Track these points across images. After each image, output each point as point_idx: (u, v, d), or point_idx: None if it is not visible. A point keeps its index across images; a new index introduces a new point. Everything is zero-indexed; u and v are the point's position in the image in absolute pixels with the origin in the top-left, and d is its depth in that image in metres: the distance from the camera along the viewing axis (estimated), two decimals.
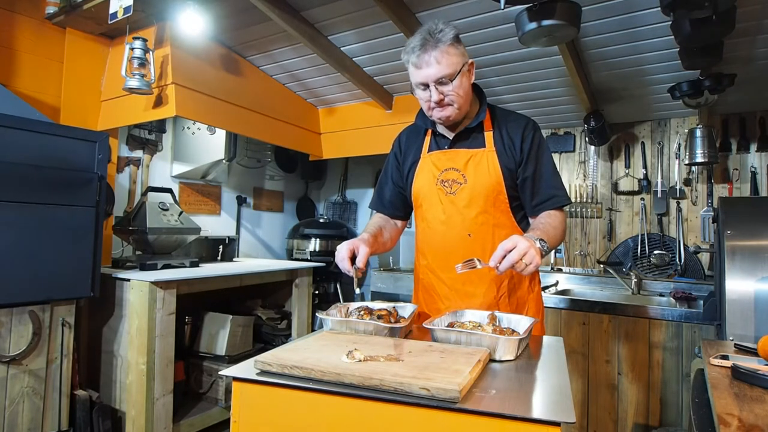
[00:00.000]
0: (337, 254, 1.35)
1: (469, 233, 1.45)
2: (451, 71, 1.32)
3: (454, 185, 1.47)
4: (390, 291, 3.43)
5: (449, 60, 1.32)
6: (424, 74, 1.33)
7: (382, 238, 1.54)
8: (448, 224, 1.47)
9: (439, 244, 1.51)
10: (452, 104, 1.37)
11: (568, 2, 1.78)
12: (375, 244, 1.46)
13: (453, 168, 1.47)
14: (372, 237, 1.46)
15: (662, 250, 3.16)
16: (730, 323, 1.67)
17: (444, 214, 1.48)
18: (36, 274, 1.97)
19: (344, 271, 1.33)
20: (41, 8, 2.46)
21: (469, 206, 1.45)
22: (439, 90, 1.34)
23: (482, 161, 1.44)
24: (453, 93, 1.35)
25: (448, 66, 1.32)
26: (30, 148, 1.96)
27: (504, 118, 1.51)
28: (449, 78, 1.33)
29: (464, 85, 1.37)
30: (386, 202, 1.66)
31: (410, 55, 1.34)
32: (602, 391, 2.57)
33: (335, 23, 2.48)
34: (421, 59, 1.32)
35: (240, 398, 0.92)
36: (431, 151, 1.53)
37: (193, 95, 2.61)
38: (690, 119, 3.13)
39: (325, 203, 4.77)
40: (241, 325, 2.85)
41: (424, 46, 1.31)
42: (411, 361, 0.94)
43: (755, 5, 1.90)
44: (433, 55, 1.31)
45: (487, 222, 1.44)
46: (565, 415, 0.74)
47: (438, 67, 1.31)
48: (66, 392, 2.09)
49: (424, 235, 1.56)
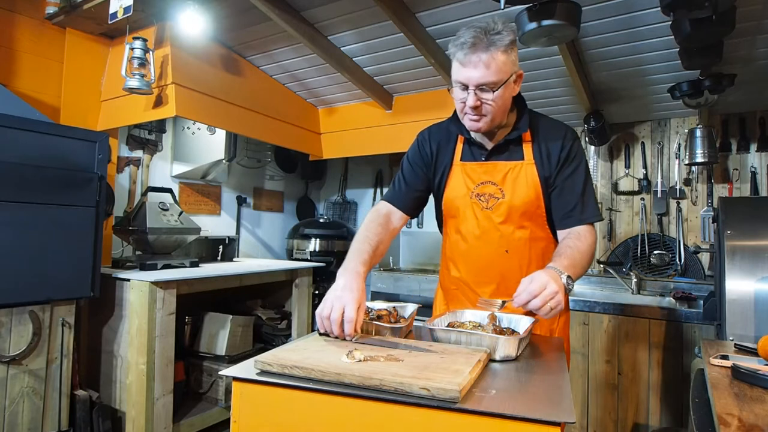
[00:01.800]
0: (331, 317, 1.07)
1: (506, 249, 1.39)
2: (497, 79, 1.21)
3: (491, 200, 1.39)
4: (390, 291, 3.43)
5: (498, 66, 1.21)
6: (467, 75, 1.23)
7: (375, 259, 1.37)
8: (483, 239, 1.41)
9: (474, 259, 1.44)
10: (487, 115, 1.27)
11: (568, 2, 1.78)
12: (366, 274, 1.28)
13: (490, 182, 1.39)
14: (367, 269, 1.27)
15: (662, 250, 3.16)
16: (730, 323, 1.67)
17: (479, 229, 1.41)
18: (36, 274, 1.97)
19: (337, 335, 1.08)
20: (41, 8, 2.46)
21: (507, 222, 1.39)
22: (478, 96, 1.24)
23: (521, 175, 1.37)
24: (492, 103, 1.25)
25: (496, 73, 1.21)
26: (30, 148, 1.96)
27: (543, 127, 1.41)
28: (493, 86, 1.22)
29: (505, 97, 1.28)
30: (410, 200, 1.52)
31: (458, 50, 1.23)
32: (602, 391, 2.57)
33: (335, 23, 2.48)
34: (468, 59, 1.21)
35: (240, 398, 0.91)
36: (465, 160, 1.43)
37: (193, 95, 2.61)
38: (690, 119, 3.13)
39: (325, 203, 4.77)
40: (241, 325, 2.85)
41: (475, 45, 1.20)
42: (411, 361, 0.93)
43: (755, 5, 1.90)
44: (483, 58, 1.20)
45: (524, 237, 1.39)
46: (565, 415, 0.74)
47: (485, 71, 1.20)
48: (66, 392, 2.09)
49: (456, 246, 1.49)
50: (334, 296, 1.11)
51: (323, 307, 1.10)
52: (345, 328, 1.07)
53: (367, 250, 1.32)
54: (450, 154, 1.47)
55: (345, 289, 1.13)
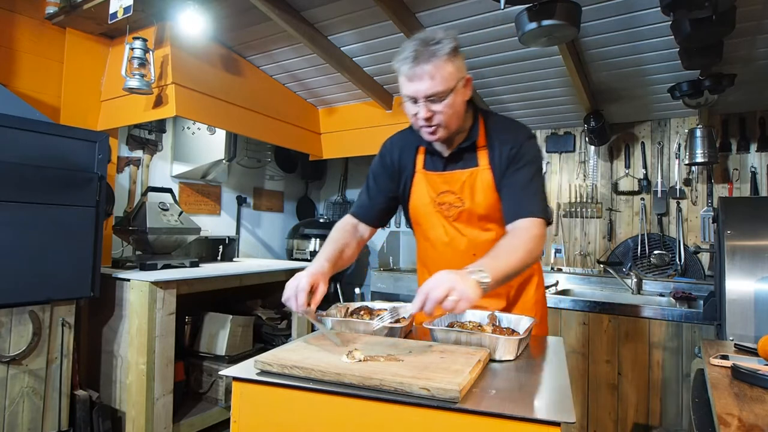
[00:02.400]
0: (289, 287, 1.14)
1: (474, 253, 1.39)
2: (444, 88, 1.21)
3: (452, 209, 1.41)
4: (390, 291, 3.42)
5: (443, 76, 1.20)
6: (414, 88, 1.22)
7: (342, 260, 1.39)
8: (452, 246, 1.43)
9: (444, 265, 1.42)
10: (441, 124, 1.27)
11: (568, 2, 1.79)
12: (333, 270, 1.32)
13: (449, 191, 1.41)
14: (331, 265, 1.30)
15: (662, 250, 3.16)
16: (730, 323, 1.67)
17: (447, 236, 1.44)
18: (36, 274, 1.97)
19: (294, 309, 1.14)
20: (41, 8, 2.46)
21: (471, 227, 1.41)
22: (429, 107, 1.24)
23: (477, 181, 1.38)
24: (443, 112, 1.24)
25: (442, 82, 1.21)
26: (30, 148, 1.96)
27: (497, 129, 1.40)
28: (441, 96, 1.22)
29: (457, 104, 1.27)
30: (374, 212, 1.53)
31: (401, 64, 1.23)
32: (602, 391, 2.57)
33: (335, 23, 2.48)
34: (413, 72, 1.21)
35: (240, 398, 0.91)
36: (427, 169, 1.45)
37: (193, 95, 2.61)
38: (690, 119, 3.13)
39: (325, 203, 4.77)
40: (241, 325, 2.85)
41: (417, 58, 1.20)
42: (411, 361, 0.94)
43: (755, 5, 1.90)
44: (426, 69, 1.19)
45: (489, 238, 1.39)
46: (565, 415, 0.74)
47: (430, 82, 1.20)
48: (66, 392, 2.09)
49: (427, 252, 1.52)
50: (304, 272, 1.19)
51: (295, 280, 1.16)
52: (298, 297, 1.12)
53: (330, 250, 1.37)
54: (412, 163, 1.48)
55: (313, 272, 1.20)
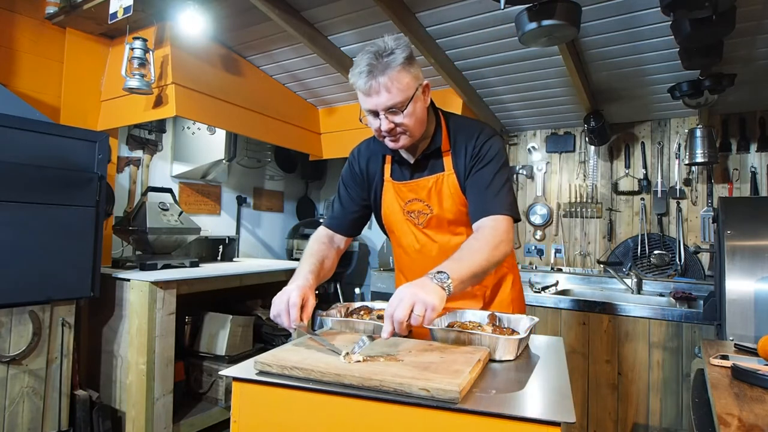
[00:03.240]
0: (278, 303, 1.12)
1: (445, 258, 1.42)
2: (402, 99, 1.20)
3: (420, 216, 1.41)
4: (390, 291, 3.41)
5: (399, 86, 1.19)
6: (374, 102, 1.20)
7: (323, 271, 1.39)
8: (423, 252, 1.44)
9: (417, 271, 1.44)
10: (405, 133, 1.26)
11: (568, 2, 1.78)
12: (317, 283, 1.31)
13: (417, 199, 1.41)
14: (314, 277, 1.29)
15: (662, 250, 3.16)
16: (730, 323, 1.67)
17: (418, 243, 1.44)
18: (36, 274, 1.97)
19: (286, 325, 1.12)
20: (41, 8, 2.46)
21: (441, 233, 1.41)
22: (390, 119, 1.22)
23: (443, 187, 1.37)
24: (405, 122, 1.23)
25: (399, 93, 1.19)
26: (30, 148, 1.96)
27: (458, 132, 1.39)
28: (400, 106, 1.21)
29: (417, 112, 1.26)
30: (348, 222, 1.52)
31: (357, 79, 1.20)
32: (602, 391, 2.57)
33: (335, 23, 2.48)
34: (369, 86, 1.18)
35: (240, 398, 0.92)
36: (394, 179, 1.44)
37: (193, 95, 2.61)
38: (690, 119, 3.13)
39: (325, 203, 4.76)
40: (241, 325, 2.85)
41: (371, 72, 1.17)
42: (411, 361, 0.93)
43: (755, 5, 1.90)
44: (381, 82, 1.17)
45: (460, 241, 1.33)
46: (565, 415, 0.74)
47: (387, 95, 1.18)
48: (66, 392, 2.09)
49: (401, 259, 1.53)
50: (290, 287, 1.17)
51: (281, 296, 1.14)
52: (290, 313, 1.11)
53: (313, 263, 1.35)
54: (380, 172, 1.47)
55: (290, 285, 1.19)
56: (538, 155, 3.64)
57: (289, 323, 1.11)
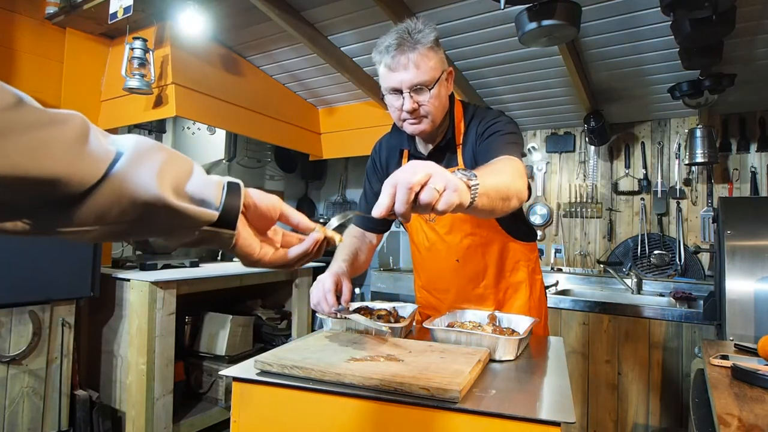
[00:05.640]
0: (316, 291, 1.16)
1: (456, 259, 1.39)
2: (429, 78, 1.18)
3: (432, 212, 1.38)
4: (390, 291, 3.42)
5: (428, 65, 1.17)
6: (399, 78, 1.17)
7: (357, 263, 1.39)
8: (433, 251, 1.43)
9: (428, 269, 1.46)
10: (427, 116, 1.22)
11: (568, 2, 1.78)
12: (351, 273, 1.31)
13: None
14: (348, 266, 1.30)
15: (662, 250, 3.16)
16: (730, 323, 1.67)
17: (428, 241, 1.42)
18: (36, 274, 1.97)
19: (326, 312, 1.14)
20: (41, 8, 2.46)
21: (451, 233, 1.37)
22: (414, 99, 1.19)
23: None
24: (429, 103, 1.20)
25: (427, 72, 1.17)
26: None
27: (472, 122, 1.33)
28: (427, 86, 1.18)
29: (441, 96, 1.23)
30: (371, 220, 1.49)
31: (383, 55, 1.18)
32: (602, 391, 2.57)
33: (335, 23, 2.48)
34: (397, 61, 1.16)
35: (240, 398, 0.91)
36: None
37: (193, 95, 2.61)
38: (690, 119, 3.13)
39: (325, 203, 4.76)
40: (241, 325, 2.85)
41: (401, 46, 1.16)
42: (411, 361, 0.94)
43: (755, 5, 1.90)
44: (411, 58, 1.15)
45: (474, 244, 1.36)
46: (565, 415, 0.74)
47: (416, 72, 1.16)
48: (66, 392, 2.09)
49: (414, 256, 1.53)
50: (327, 274, 1.23)
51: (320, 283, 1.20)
52: (327, 299, 1.16)
53: (346, 253, 1.37)
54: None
55: (323, 274, 1.23)
56: (538, 155, 3.64)
57: (329, 309, 1.13)
